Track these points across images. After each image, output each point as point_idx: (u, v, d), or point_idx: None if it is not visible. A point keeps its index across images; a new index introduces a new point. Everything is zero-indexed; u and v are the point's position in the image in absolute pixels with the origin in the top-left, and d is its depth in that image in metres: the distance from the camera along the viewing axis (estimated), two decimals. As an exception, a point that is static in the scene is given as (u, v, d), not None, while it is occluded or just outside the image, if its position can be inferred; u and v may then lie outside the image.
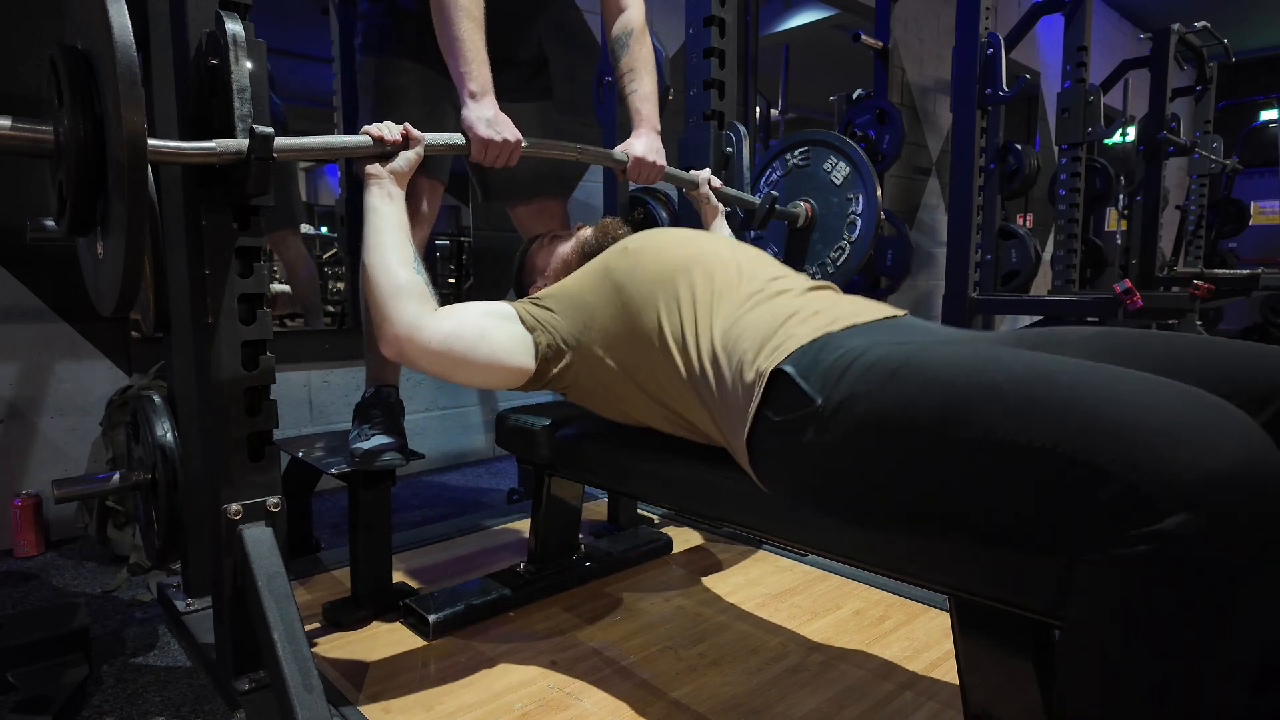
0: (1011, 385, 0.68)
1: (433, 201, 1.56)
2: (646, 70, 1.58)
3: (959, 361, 0.75)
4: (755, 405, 0.91)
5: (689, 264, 1.11)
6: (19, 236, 1.85)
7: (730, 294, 1.05)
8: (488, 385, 1.17)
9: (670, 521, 2.05)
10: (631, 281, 1.12)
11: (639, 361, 1.11)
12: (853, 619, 1.46)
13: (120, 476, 1.36)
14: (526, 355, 1.12)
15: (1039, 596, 0.71)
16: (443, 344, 1.07)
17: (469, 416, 2.94)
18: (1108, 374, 0.66)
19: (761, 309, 1.01)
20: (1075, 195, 3.66)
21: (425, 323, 1.07)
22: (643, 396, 1.14)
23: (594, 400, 1.22)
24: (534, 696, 1.21)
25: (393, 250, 1.12)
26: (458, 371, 1.10)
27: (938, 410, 0.72)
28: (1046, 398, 0.65)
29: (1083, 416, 0.62)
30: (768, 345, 0.94)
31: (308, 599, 1.56)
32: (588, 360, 1.15)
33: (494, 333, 1.11)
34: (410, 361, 1.09)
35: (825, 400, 0.83)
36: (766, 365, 0.91)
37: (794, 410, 0.86)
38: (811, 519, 0.93)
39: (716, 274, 1.09)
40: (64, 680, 1.23)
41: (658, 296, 1.09)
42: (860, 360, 0.82)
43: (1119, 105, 5.84)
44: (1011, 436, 0.65)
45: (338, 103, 2.54)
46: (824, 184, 1.88)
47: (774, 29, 5.24)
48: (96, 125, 0.94)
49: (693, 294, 1.07)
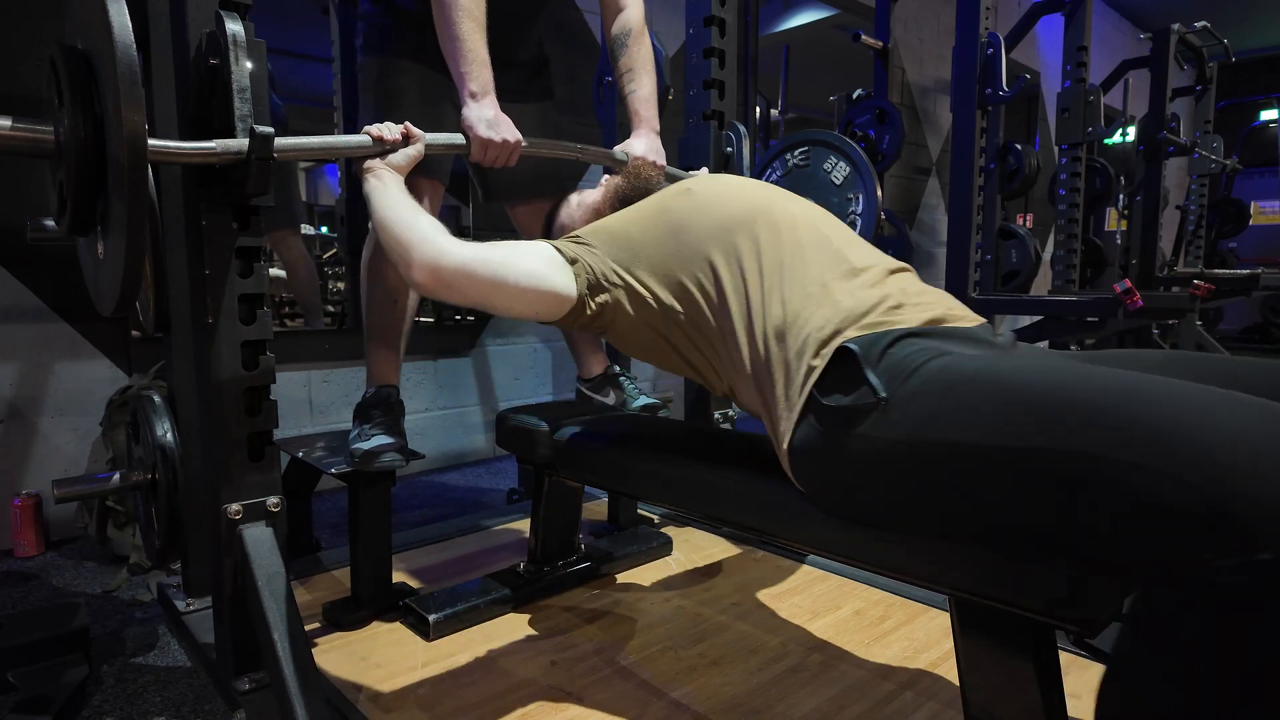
0: (1105, 398, 0.66)
1: (434, 202, 1.56)
2: (645, 70, 1.58)
3: (1043, 372, 0.72)
4: (812, 383, 0.88)
5: (757, 216, 1.04)
6: (19, 236, 1.85)
7: (804, 261, 0.99)
8: (530, 313, 1.06)
9: (670, 521, 2.05)
10: (691, 225, 1.06)
11: (684, 310, 1.05)
12: (853, 619, 1.46)
13: (120, 476, 1.36)
14: (566, 281, 1.04)
15: (1041, 597, 0.71)
16: (472, 261, 1.00)
17: (469, 416, 2.94)
18: (1212, 395, 0.63)
19: (838, 286, 0.95)
20: (1075, 195, 3.66)
21: (451, 246, 1.01)
22: (680, 341, 1.09)
23: (635, 340, 1.13)
24: (534, 696, 1.21)
25: (408, 207, 1.08)
26: (495, 295, 1.02)
27: (1017, 417, 0.69)
28: (1145, 416, 0.62)
29: (1186, 439, 0.59)
30: (840, 328, 0.89)
31: (308, 599, 1.56)
32: (633, 297, 1.07)
33: (526, 256, 1.04)
34: (445, 285, 1.01)
35: (890, 395, 0.80)
36: (829, 348, 0.88)
37: (853, 397, 0.83)
38: (816, 518, 0.93)
39: (787, 234, 1.02)
40: (64, 680, 1.23)
41: (717, 245, 1.03)
42: (933, 363, 0.80)
43: (1119, 105, 5.85)
44: (1097, 450, 0.63)
45: (338, 103, 2.54)
46: (824, 184, 1.88)
47: (774, 29, 5.24)
48: (97, 125, 0.94)
49: (757, 251, 1.00)
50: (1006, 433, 0.69)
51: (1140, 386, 0.66)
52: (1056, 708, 0.77)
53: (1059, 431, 0.66)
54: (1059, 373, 0.71)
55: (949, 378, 0.77)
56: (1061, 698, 0.78)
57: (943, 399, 0.76)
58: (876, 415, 0.80)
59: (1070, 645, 1.24)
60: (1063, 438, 0.66)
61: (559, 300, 1.04)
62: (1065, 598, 0.71)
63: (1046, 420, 0.67)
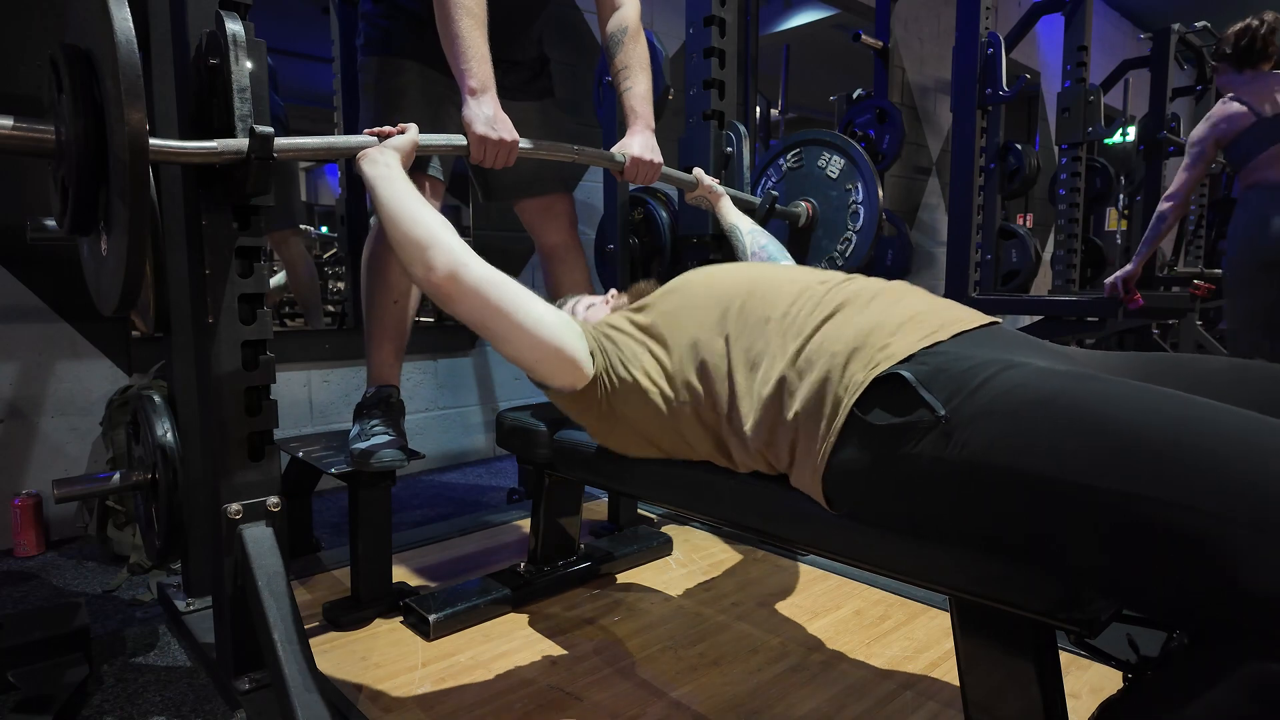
0: (1202, 446, 0.62)
1: (434, 200, 1.55)
2: (641, 68, 1.58)
3: (1130, 405, 0.68)
4: (845, 415, 0.84)
5: (738, 290, 1.04)
6: (19, 236, 1.85)
7: (788, 314, 0.97)
8: (539, 364, 1.04)
9: (670, 521, 2.05)
10: (678, 318, 1.07)
11: (694, 392, 1.03)
12: (853, 619, 1.46)
13: (120, 476, 1.36)
14: (584, 353, 1.04)
15: (1041, 597, 0.71)
16: (487, 281, 1.00)
17: (469, 416, 2.94)
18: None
19: (835, 321, 0.93)
20: (1075, 195, 3.66)
21: (471, 259, 1.00)
22: (690, 427, 1.05)
23: (627, 433, 1.12)
24: (534, 696, 1.21)
25: (415, 199, 1.06)
26: (498, 321, 1.00)
27: (1094, 461, 0.65)
28: (1251, 476, 0.59)
29: (1258, 504, 0.57)
30: (858, 356, 0.87)
31: (308, 599, 1.56)
32: (634, 390, 1.06)
33: (544, 309, 1.03)
34: (461, 295, 1.00)
35: (952, 411, 0.76)
36: (865, 376, 0.84)
37: (907, 416, 0.79)
38: (816, 518, 0.93)
39: (768, 295, 1.02)
40: (64, 680, 1.23)
41: (709, 326, 1.03)
42: (1000, 378, 0.76)
43: (1119, 105, 5.85)
44: (1170, 499, 0.61)
45: (338, 103, 2.54)
46: (821, 180, 1.89)
47: (774, 29, 5.24)
48: (98, 124, 0.94)
49: (744, 318, 1.00)
50: (1086, 471, 0.65)
51: (1245, 434, 0.62)
52: (1056, 708, 0.77)
53: (1146, 478, 0.63)
54: (1149, 409, 0.67)
55: (1021, 398, 0.73)
56: (1061, 698, 0.78)
57: (1015, 421, 0.71)
58: (935, 435, 0.76)
59: (1070, 645, 1.24)
60: (1149, 484, 0.62)
61: (573, 368, 1.04)
62: (1066, 599, 0.71)
63: (1135, 464, 0.64)
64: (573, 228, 1.80)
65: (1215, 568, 0.58)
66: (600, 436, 1.16)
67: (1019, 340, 0.91)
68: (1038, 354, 0.86)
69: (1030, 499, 0.69)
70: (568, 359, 1.03)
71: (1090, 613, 0.71)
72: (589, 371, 1.05)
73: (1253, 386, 0.79)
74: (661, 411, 1.05)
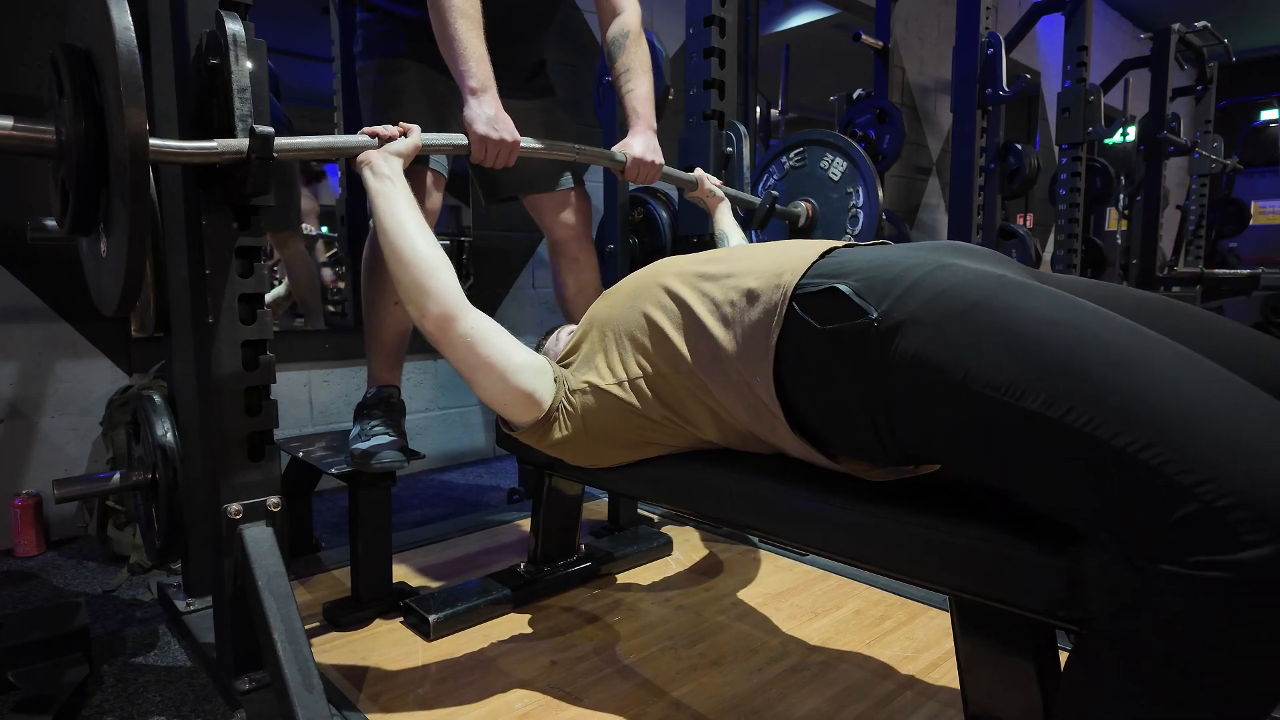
0: (1108, 371, 0.63)
1: (436, 196, 1.55)
2: (643, 70, 1.58)
3: (1045, 320, 0.69)
4: (779, 322, 0.87)
5: (646, 271, 1.14)
6: (20, 236, 1.85)
7: (704, 270, 1.03)
8: (508, 407, 1.11)
9: (670, 521, 2.05)
10: (603, 314, 1.15)
11: (641, 365, 1.07)
12: (853, 619, 1.46)
13: (120, 476, 1.36)
14: (547, 391, 1.10)
15: (1041, 597, 0.71)
16: (474, 338, 1.06)
17: (469, 416, 2.94)
18: (1214, 376, 0.61)
19: (749, 259, 0.99)
20: (1075, 195, 3.66)
21: (466, 312, 1.06)
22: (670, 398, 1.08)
23: (611, 445, 1.14)
24: (534, 696, 1.21)
25: (416, 227, 1.09)
26: (481, 374, 1.08)
27: (1015, 374, 0.67)
28: (1145, 395, 0.60)
29: (1181, 425, 0.58)
30: (782, 273, 0.90)
31: (308, 599, 1.56)
32: (593, 394, 1.10)
33: (523, 359, 1.10)
34: (447, 345, 1.07)
35: (882, 315, 0.77)
36: (789, 281, 0.87)
37: (841, 320, 0.81)
38: (816, 518, 0.93)
39: (674, 261, 1.11)
40: (64, 680, 1.23)
41: (627, 306, 1.10)
42: (927, 280, 0.77)
43: (1119, 105, 5.85)
44: (1090, 424, 0.61)
45: (338, 103, 2.54)
46: (822, 181, 1.89)
47: (774, 29, 5.24)
48: (98, 124, 0.94)
49: (653, 282, 1.08)
50: (1007, 386, 0.67)
51: (1157, 363, 0.63)
52: (1056, 708, 0.76)
53: (1052, 396, 0.64)
54: (1070, 327, 0.68)
55: (948, 304, 0.74)
56: (1061, 698, 0.77)
57: (938, 331, 0.73)
58: (869, 337, 0.78)
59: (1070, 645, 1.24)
60: (1052, 403, 0.64)
61: (527, 401, 1.10)
62: (1066, 597, 0.71)
63: (1044, 382, 0.65)
64: (585, 223, 1.76)
65: (1120, 489, 0.60)
66: (591, 460, 1.17)
67: (963, 247, 0.92)
68: (979, 260, 0.87)
69: (960, 408, 0.71)
70: (535, 402, 1.10)
71: (1091, 612, 0.70)
72: (546, 402, 1.11)
73: (1222, 345, 0.79)
74: (627, 402, 1.07)
